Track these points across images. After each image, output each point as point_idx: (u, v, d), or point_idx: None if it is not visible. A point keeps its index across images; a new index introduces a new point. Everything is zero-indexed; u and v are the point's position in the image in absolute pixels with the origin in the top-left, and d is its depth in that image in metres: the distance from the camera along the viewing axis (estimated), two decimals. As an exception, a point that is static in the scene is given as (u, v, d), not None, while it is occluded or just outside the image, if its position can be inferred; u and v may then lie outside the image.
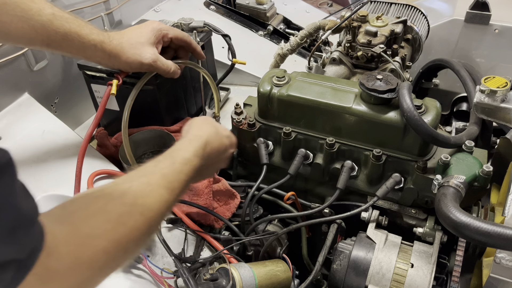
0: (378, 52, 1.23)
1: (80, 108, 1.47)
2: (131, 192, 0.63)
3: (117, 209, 0.59)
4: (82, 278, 0.52)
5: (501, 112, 0.99)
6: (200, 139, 0.81)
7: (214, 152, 0.84)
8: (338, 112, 1.05)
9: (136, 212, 0.61)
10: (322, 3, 3.05)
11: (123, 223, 0.58)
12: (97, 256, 0.54)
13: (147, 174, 0.68)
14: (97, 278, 0.56)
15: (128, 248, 0.59)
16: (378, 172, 1.06)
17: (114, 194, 0.61)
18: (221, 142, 0.88)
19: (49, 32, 0.93)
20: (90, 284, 0.55)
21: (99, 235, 0.55)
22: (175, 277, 0.91)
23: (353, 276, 0.99)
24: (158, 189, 0.66)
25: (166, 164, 0.72)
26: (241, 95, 1.63)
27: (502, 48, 1.49)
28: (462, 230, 0.80)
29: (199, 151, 0.79)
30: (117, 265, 0.60)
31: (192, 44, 1.16)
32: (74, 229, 0.53)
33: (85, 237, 0.53)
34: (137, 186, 0.65)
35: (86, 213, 0.56)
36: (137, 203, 0.62)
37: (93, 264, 0.53)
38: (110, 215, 0.58)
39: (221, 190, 1.14)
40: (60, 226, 0.51)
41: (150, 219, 0.62)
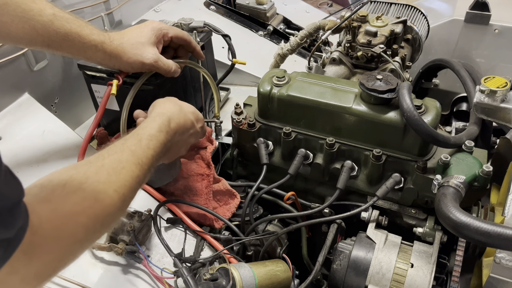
0: (378, 52, 1.23)
1: (80, 108, 1.47)
2: (104, 170, 0.67)
3: (93, 187, 0.63)
4: (64, 251, 0.58)
5: (501, 112, 0.99)
6: (163, 116, 0.87)
7: (180, 127, 0.90)
8: (338, 112, 1.05)
9: (110, 189, 0.65)
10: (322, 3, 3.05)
11: (99, 200, 0.63)
12: (77, 231, 0.59)
13: (117, 152, 0.73)
14: (77, 250, 0.62)
15: (105, 222, 0.65)
16: (378, 172, 1.06)
17: (88, 172, 0.65)
18: (186, 118, 0.93)
19: (50, 33, 0.93)
20: (71, 256, 0.61)
21: (78, 212, 0.59)
22: (175, 277, 0.92)
23: (353, 276, 0.99)
24: (129, 165, 0.71)
25: (134, 142, 0.77)
26: (241, 95, 1.63)
27: (502, 48, 1.49)
28: (462, 230, 0.80)
29: (163, 126, 0.84)
30: (95, 238, 0.66)
31: (191, 43, 1.16)
32: (55, 207, 0.57)
33: (66, 214, 0.58)
34: (109, 164, 0.69)
35: (64, 191, 0.60)
36: (110, 181, 0.66)
37: (73, 238, 0.59)
38: (86, 193, 0.62)
39: (221, 190, 1.14)
40: (41, 205, 0.55)
41: (123, 195, 0.67)
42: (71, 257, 0.61)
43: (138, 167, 0.73)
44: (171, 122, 0.87)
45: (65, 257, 0.59)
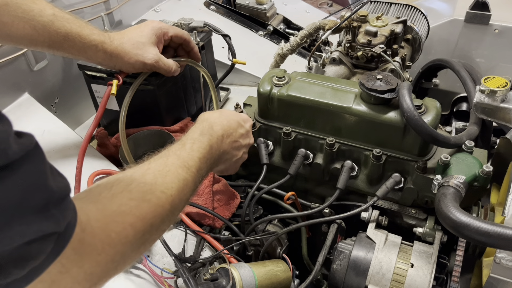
0: (378, 52, 1.23)
1: (80, 108, 1.47)
2: (150, 173, 0.68)
3: (139, 188, 0.63)
4: (114, 252, 0.56)
5: (501, 112, 0.99)
6: (203, 121, 0.89)
7: (226, 129, 0.91)
8: (338, 112, 1.05)
9: (157, 190, 0.65)
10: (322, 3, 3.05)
11: (146, 200, 0.62)
12: (126, 231, 0.57)
13: (162, 157, 0.74)
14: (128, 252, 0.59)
15: (154, 224, 0.63)
16: (378, 172, 1.06)
17: (134, 175, 0.66)
18: (229, 119, 0.94)
19: (50, 33, 0.93)
20: (122, 259, 0.59)
21: (125, 212, 0.59)
22: (175, 277, 0.92)
23: (353, 276, 0.99)
24: (175, 168, 0.72)
25: (178, 147, 0.79)
26: (241, 95, 1.63)
27: (502, 48, 1.49)
28: (462, 230, 0.80)
29: (205, 130, 0.86)
30: (146, 241, 0.63)
31: (190, 43, 1.16)
32: (102, 207, 0.57)
33: (114, 213, 0.57)
34: (155, 166, 0.70)
35: (111, 193, 0.60)
36: (157, 182, 0.66)
37: (123, 239, 0.57)
38: (133, 194, 0.62)
39: (221, 190, 1.14)
40: (89, 205, 0.55)
41: (171, 196, 0.67)
42: (122, 260, 0.59)
43: (185, 170, 0.73)
44: (213, 125, 0.88)
45: (116, 258, 0.57)
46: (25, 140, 0.42)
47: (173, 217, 0.70)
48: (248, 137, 0.99)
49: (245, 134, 0.97)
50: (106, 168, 1.07)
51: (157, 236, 0.67)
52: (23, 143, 0.42)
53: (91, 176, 1.01)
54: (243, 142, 0.97)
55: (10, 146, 0.40)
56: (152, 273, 0.91)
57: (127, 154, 1.06)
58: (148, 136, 1.20)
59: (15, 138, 0.41)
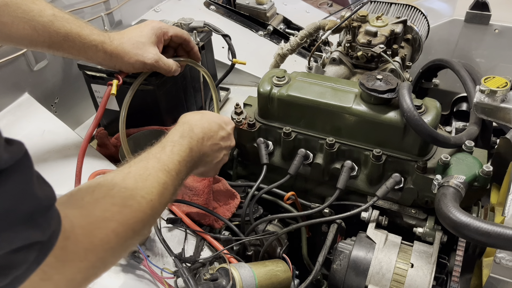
0: (378, 52, 1.23)
1: (80, 108, 1.47)
2: (131, 177, 0.68)
3: (121, 193, 0.63)
4: (96, 258, 0.56)
5: (501, 112, 0.99)
6: (184, 124, 0.88)
7: (206, 131, 0.90)
8: (338, 112, 1.05)
9: (137, 195, 0.65)
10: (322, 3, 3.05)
11: (128, 206, 0.63)
12: (109, 237, 0.58)
13: (143, 160, 0.74)
14: (109, 259, 0.60)
15: (136, 229, 0.63)
16: (378, 172, 1.06)
17: (115, 179, 0.66)
18: (210, 121, 0.93)
19: (50, 33, 0.93)
20: (103, 265, 0.59)
21: (108, 218, 0.59)
22: (175, 277, 0.92)
23: (353, 276, 0.99)
24: (155, 172, 0.71)
25: (158, 150, 0.78)
26: (241, 95, 1.63)
27: (502, 48, 1.49)
28: (462, 230, 0.80)
29: (185, 133, 0.85)
30: (127, 246, 0.64)
31: (190, 43, 1.16)
32: (86, 212, 0.57)
33: (97, 220, 0.57)
34: (136, 170, 0.70)
35: (93, 198, 0.60)
36: (137, 187, 0.66)
37: (105, 245, 0.57)
38: (115, 199, 0.62)
39: (221, 190, 1.14)
40: (72, 211, 0.54)
41: (151, 201, 0.67)
42: (103, 266, 0.60)
43: (165, 173, 0.73)
44: (193, 128, 0.88)
45: (97, 264, 0.57)
46: (15, 148, 0.42)
47: (153, 221, 0.70)
48: (229, 140, 0.98)
49: (226, 136, 0.97)
50: (106, 168, 1.07)
51: (138, 240, 0.68)
52: (13, 151, 0.42)
53: (91, 176, 1.01)
54: (223, 144, 0.96)
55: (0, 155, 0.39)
56: (152, 273, 0.91)
57: (128, 154, 1.06)
58: (148, 136, 1.20)
59: (5, 146, 0.41)
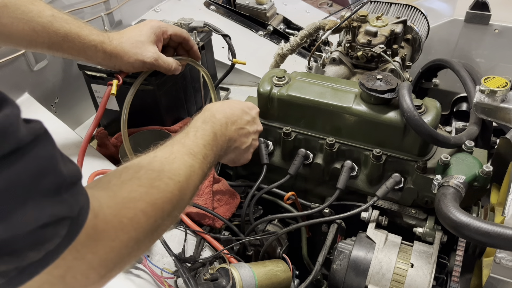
0: (378, 52, 1.23)
1: (80, 108, 1.47)
2: (157, 160, 0.69)
3: (147, 175, 0.64)
4: (127, 238, 0.56)
5: (501, 112, 0.99)
6: (206, 111, 0.91)
7: (229, 116, 0.92)
8: (338, 112, 1.05)
9: (164, 176, 0.66)
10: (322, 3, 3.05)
11: (155, 187, 0.63)
12: (138, 217, 0.58)
13: (168, 145, 0.76)
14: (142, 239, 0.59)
15: (165, 209, 0.64)
16: (378, 172, 1.06)
17: (141, 163, 0.67)
18: (232, 106, 0.95)
19: (50, 34, 0.93)
20: (136, 245, 0.59)
21: (136, 198, 0.59)
22: (175, 277, 0.92)
23: (353, 276, 0.99)
24: (181, 155, 0.73)
25: (182, 135, 0.81)
26: (241, 95, 1.63)
27: (502, 48, 1.49)
28: (462, 230, 0.80)
29: (207, 118, 0.87)
30: (158, 227, 0.64)
31: (190, 42, 1.16)
32: (113, 194, 0.58)
33: (124, 200, 0.58)
34: (161, 155, 0.72)
35: (120, 180, 0.61)
36: (164, 169, 0.68)
37: (135, 224, 0.57)
38: (141, 180, 0.63)
39: (221, 190, 1.14)
40: (100, 192, 0.55)
41: (179, 182, 0.68)
42: (136, 246, 0.59)
43: (191, 157, 0.75)
44: (215, 114, 0.90)
45: (130, 244, 0.57)
46: (34, 125, 0.43)
47: (183, 203, 0.71)
48: (255, 124, 1.00)
49: (251, 120, 0.98)
50: (106, 168, 1.07)
51: (170, 222, 0.68)
52: (32, 127, 0.42)
53: (91, 176, 1.01)
54: (250, 128, 0.97)
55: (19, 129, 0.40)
56: (152, 273, 0.91)
57: (129, 153, 1.06)
58: (148, 136, 1.20)
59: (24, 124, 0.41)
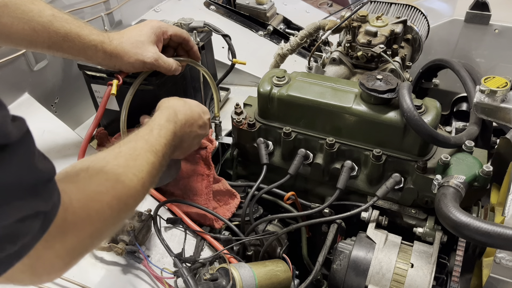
0: (378, 52, 1.23)
1: (80, 108, 1.47)
2: (122, 156, 0.73)
3: (114, 170, 0.69)
4: (93, 229, 0.61)
5: (501, 112, 0.99)
6: (169, 108, 0.93)
7: (188, 118, 0.95)
8: (338, 112, 1.05)
9: (129, 172, 0.70)
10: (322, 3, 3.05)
11: (121, 181, 0.68)
12: (104, 209, 0.62)
13: (131, 141, 0.79)
14: (105, 230, 0.65)
15: (128, 203, 0.69)
16: (378, 172, 1.06)
17: (107, 158, 0.71)
18: (192, 109, 0.98)
19: (50, 33, 0.93)
20: (100, 235, 0.65)
21: (103, 192, 0.64)
22: (175, 277, 0.92)
23: (353, 276, 0.99)
24: (144, 152, 0.77)
25: (146, 132, 0.83)
26: (241, 95, 1.63)
27: (502, 48, 1.49)
28: (462, 230, 0.80)
29: (171, 117, 0.90)
30: (120, 219, 0.69)
31: (190, 42, 1.16)
32: (81, 186, 0.62)
33: (93, 193, 0.62)
34: (126, 150, 0.75)
35: (88, 174, 0.65)
36: (128, 165, 0.72)
37: (101, 216, 0.62)
38: (108, 175, 0.67)
39: (221, 190, 1.14)
40: (69, 185, 0.58)
41: (142, 179, 0.72)
42: (100, 236, 0.65)
43: (153, 154, 0.78)
44: (177, 113, 0.92)
45: (95, 234, 0.62)
46: (19, 123, 0.45)
47: (143, 197, 0.75)
48: (205, 129, 1.03)
49: (203, 125, 1.01)
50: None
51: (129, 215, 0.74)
52: (19, 126, 0.45)
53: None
54: (199, 132, 1.00)
55: (9, 129, 0.43)
56: (152, 273, 0.91)
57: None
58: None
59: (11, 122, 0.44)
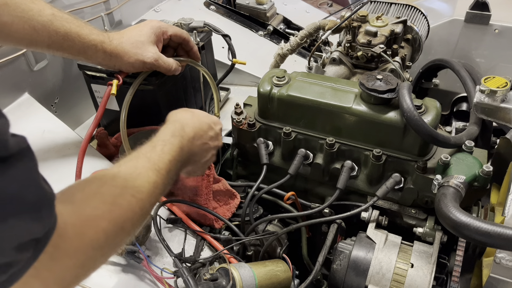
0: (378, 52, 1.23)
1: (80, 108, 1.47)
2: (121, 176, 0.67)
3: (111, 191, 0.63)
4: (85, 257, 0.56)
5: (501, 112, 0.99)
6: (175, 122, 0.87)
7: (197, 131, 0.89)
8: (338, 112, 1.05)
9: (127, 193, 0.65)
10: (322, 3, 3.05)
11: (118, 204, 0.62)
12: (98, 236, 0.57)
13: (132, 159, 0.73)
14: (98, 258, 0.60)
15: (125, 227, 0.63)
16: (378, 172, 1.06)
17: (104, 178, 0.65)
18: (201, 121, 0.92)
19: (50, 33, 0.93)
20: (92, 264, 0.59)
21: (99, 216, 0.58)
22: (175, 277, 0.91)
23: (353, 276, 0.99)
24: (145, 171, 0.71)
25: (148, 149, 0.77)
26: (241, 95, 1.63)
27: (502, 48, 1.49)
28: (462, 230, 0.80)
29: (176, 131, 0.84)
30: (115, 245, 0.64)
31: (190, 42, 1.16)
32: (77, 209, 0.57)
33: (88, 217, 0.57)
34: (125, 170, 0.69)
35: (83, 195, 0.60)
36: (127, 186, 0.66)
37: (95, 244, 0.57)
38: (105, 197, 0.61)
39: (221, 190, 1.14)
40: (64, 206, 0.53)
41: (141, 200, 0.66)
42: (92, 264, 0.59)
43: (155, 173, 0.72)
44: (185, 127, 0.86)
45: (86, 263, 0.57)
46: (19, 139, 0.43)
47: (143, 220, 0.70)
48: (217, 140, 0.98)
49: (215, 136, 0.96)
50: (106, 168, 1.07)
51: (126, 239, 0.67)
52: (18, 140, 0.43)
53: (91, 176, 1.01)
54: (212, 144, 0.95)
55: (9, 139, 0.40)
56: (152, 273, 0.91)
57: (129, 153, 1.06)
58: (148, 136, 1.19)
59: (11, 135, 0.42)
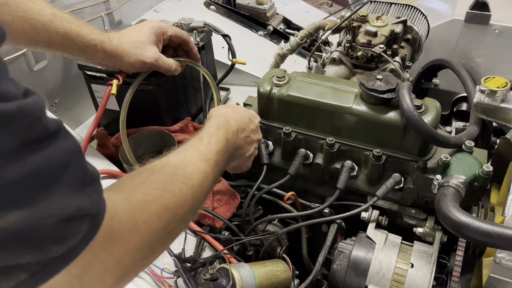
0: (378, 52, 1.23)
1: (80, 108, 1.47)
2: (170, 165, 0.69)
3: (161, 178, 0.64)
4: (141, 241, 0.55)
5: (501, 112, 0.99)
6: (219, 116, 0.90)
7: (240, 124, 0.92)
8: (338, 112, 1.05)
9: (177, 180, 0.66)
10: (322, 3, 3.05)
11: (169, 190, 0.63)
12: (152, 220, 0.57)
13: (181, 151, 0.75)
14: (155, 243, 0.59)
15: (178, 213, 0.63)
16: (378, 172, 1.06)
17: (154, 167, 0.67)
18: (242, 114, 0.95)
19: (50, 32, 0.93)
20: (150, 249, 0.58)
21: (150, 201, 0.59)
22: (175, 277, 0.91)
23: (353, 276, 0.99)
24: (194, 161, 0.73)
25: (195, 141, 0.80)
26: (241, 95, 1.63)
27: (502, 48, 1.49)
28: (462, 230, 0.80)
29: (221, 124, 0.87)
30: (171, 231, 0.63)
31: (189, 43, 1.16)
32: (127, 196, 0.57)
33: (139, 202, 0.57)
34: (174, 160, 0.71)
35: (134, 183, 0.61)
36: (177, 174, 0.67)
37: (149, 227, 0.57)
38: (155, 183, 0.62)
39: (221, 190, 1.14)
40: (114, 194, 0.55)
41: (192, 187, 0.67)
42: (150, 250, 0.59)
43: (204, 162, 0.74)
44: (228, 120, 0.90)
45: (144, 248, 0.56)
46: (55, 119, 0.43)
47: (196, 208, 0.70)
48: (258, 133, 1.01)
49: (255, 129, 0.99)
50: (106, 168, 1.07)
51: (182, 227, 0.67)
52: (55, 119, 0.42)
53: (91, 176, 1.01)
54: (254, 137, 0.98)
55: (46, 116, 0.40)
56: (152, 273, 0.91)
57: (128, 153, 1.06)
58: (148, 136, 1.20)
59: None
